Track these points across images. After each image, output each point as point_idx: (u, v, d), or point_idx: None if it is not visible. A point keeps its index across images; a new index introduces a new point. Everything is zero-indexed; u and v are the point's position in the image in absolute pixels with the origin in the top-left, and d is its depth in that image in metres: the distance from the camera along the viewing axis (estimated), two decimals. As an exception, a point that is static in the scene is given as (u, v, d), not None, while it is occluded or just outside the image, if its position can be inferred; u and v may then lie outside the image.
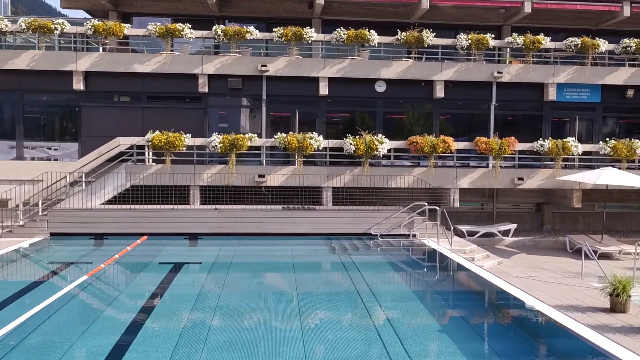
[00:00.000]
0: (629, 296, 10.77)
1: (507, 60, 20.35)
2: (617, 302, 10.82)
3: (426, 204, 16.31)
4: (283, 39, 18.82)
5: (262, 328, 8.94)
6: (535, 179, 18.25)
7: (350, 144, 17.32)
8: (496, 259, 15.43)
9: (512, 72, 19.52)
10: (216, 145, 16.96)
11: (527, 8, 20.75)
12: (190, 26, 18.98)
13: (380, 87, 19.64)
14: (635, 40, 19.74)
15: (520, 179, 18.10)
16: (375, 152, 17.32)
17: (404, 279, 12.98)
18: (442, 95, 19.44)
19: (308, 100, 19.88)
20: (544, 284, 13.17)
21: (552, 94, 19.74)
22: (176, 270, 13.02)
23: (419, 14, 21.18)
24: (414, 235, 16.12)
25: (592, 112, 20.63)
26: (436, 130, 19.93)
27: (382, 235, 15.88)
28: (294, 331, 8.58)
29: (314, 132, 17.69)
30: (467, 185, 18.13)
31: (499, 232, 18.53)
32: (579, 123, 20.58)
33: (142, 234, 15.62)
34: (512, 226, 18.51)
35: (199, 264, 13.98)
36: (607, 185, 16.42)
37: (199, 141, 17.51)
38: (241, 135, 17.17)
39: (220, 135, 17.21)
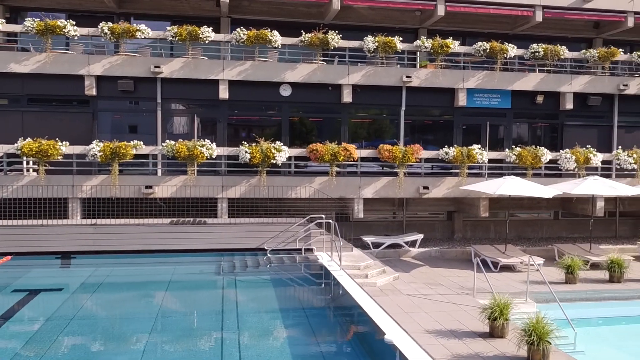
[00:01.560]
0: (507, 320, 10.14)
1: (418, 64, 19.70)
2: (495, 326, 10.19)
3: (323, 216, 15.39)
4: (177, 38, 17.50)
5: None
6: (442, 188, 17.67)
7: (246, 152, 16.20)
8: (392, 274, 14.70)
9: (421, 76, 18.88)
10: (96, 154, 15.49)
11: (440, 11, 20.17)
12: (74, 23, 17.38)
13: (286, 91, 18.61)
14: (544, 45, 19.50)
15: (426, 187, 17.47)
16: (272, 160, 16.26)
17: (274, 301, 12.00)
18: (350, 100, 18.59)
19: (208, 104, 18.65)
20: (432, 303, 12.48)
21: (462, 100, 19.24)
22: (29, 299, 11.54)
23: (332, 14, 20.27)
24: (309, 250, 15.16)
25: (503, 118, 20.30)
26: (345, 136, 19.10)
27: (273, 251, 14.82)
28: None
29: (206, 140, 16.46)
30: (371, 195, 17.35)
31: (406, 242, 17.85)
32: (490, 129, 20.16)
33: (6, 254, 13.99)
34: (419, 236, 17.87)
35: (60, 290, 12.53)
36: (509, 194, 15.94)
37: (78, 149, 15.99)
38: (124, 143, 15.76)
39: (102, 142, 15.76)
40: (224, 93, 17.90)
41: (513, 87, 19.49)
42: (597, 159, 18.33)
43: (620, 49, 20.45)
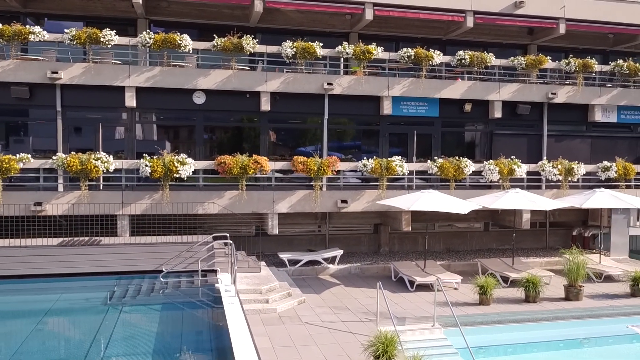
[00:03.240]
0: (391, 358, 9.30)
1: (342, 71, 18.83)
2: (379, 365, 9.33)
3: (227, 234, 14.33)
4: (76, 42, 16.18)
5: None
6: (361, 202, 16.83)
7: (146, 165, 15.03)
8: (299, 297, 13.76)
9: (343, 84, 18.00)
10: (-25, 169, 14.10)
11: (369, 15, 19.31)
12: (-41, 24, 15.89)
13: (200, 99, 17.47)
14: (470, 52, 18.88)
15: (344, 201, 16.60)
16: (175, 174, 15.13)
17: (151, 336, 10.88)
18: (269, 108, 17.58)
19: (115, 113, 17.37)
20: (328, 333, 11.58)
21: (387, 108, 18.43)
22: None
23: (256, 17, 19.21)
24: (213, 271, 14.06)
25: (431, 127, 19.59)
26: (264, 146, 18.09)
27: (167, 274, 13.61)
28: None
29: (101, 152, 15.22)
30: (286, 209, 16.39)
31: (325, 259, 16.94)
32: (418, 138, 19.42)
33: None
34: (338, 252, 16.98)
35: None
36: (425, 210, 15.16)
37: (-44, 163, 14.52)
38: (8, 156, 14.40)
39: (-18, 156, 14.38)
40: (130, 100, 16.65)
41: (441, 95, 18.80)
42: (521, 170, 17.79)
43: (549, 57, 20.01)
